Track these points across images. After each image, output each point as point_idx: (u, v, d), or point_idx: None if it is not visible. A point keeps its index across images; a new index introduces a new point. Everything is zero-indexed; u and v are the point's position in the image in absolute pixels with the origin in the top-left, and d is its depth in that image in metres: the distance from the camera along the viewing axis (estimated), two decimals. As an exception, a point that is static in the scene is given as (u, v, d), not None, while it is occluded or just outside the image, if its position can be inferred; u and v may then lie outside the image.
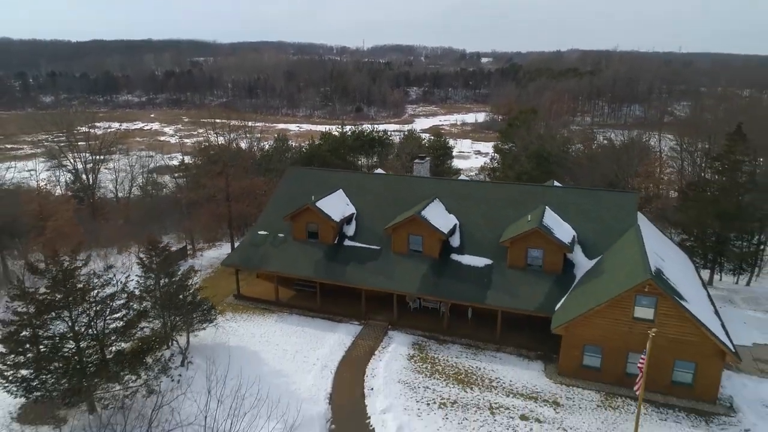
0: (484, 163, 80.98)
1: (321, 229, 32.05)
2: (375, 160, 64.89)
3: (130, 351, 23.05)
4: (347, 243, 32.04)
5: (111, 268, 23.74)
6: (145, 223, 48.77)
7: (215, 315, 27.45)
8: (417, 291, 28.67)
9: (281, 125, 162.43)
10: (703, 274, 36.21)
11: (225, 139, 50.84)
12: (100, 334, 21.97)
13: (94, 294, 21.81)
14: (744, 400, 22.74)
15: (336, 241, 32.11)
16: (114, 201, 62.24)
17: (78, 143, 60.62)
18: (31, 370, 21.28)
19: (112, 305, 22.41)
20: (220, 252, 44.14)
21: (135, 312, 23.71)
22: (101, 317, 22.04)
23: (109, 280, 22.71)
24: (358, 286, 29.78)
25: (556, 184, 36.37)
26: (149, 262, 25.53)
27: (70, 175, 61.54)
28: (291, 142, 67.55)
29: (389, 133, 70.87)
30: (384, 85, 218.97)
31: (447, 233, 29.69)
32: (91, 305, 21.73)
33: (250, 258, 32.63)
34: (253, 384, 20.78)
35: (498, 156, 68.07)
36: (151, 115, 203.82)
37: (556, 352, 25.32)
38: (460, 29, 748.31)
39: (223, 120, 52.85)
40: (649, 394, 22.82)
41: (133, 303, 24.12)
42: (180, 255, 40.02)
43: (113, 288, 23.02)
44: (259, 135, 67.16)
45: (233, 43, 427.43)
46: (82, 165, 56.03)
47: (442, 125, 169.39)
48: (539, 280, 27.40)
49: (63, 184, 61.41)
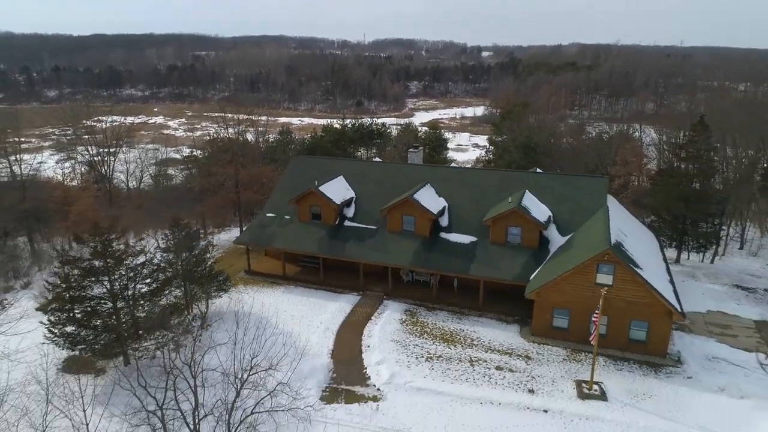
0: (479, 155, 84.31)
1: (323, 211, 35.48)
2: (374, 151, 68.20)
3: (158, 312, 26.53)
4: (347, 223, 35.48)
5: (142, 240, 27.16)
6: (158, 210, 52.18)
7: (230, 285, 30.96)
8: (409, 264, 32.16)
9: (283, 119, 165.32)
10: (672, 252, 39.78)
11: (234, 130, 54.20)
12: (133, 297, 25.48)
13: (128, 262, 25.30)
14: (690, 355, 26.21)
15: (337, 222, 35.54)
16: (125, 190, 65.65)
17: (95, 135, 63.93)
18: (75, 327, 24.87)
19: (143, 272, 25.93)
20: (229, 235, 47.60)
21: (162, 279, 27.21)
22: (134, 282, 25.55)
23: (141, 250, 26.20)
24: (357, 261, 33.28)
25: (539, 171, 39.79)
26: (173, 238, 28.99)
27: (84, 165, 64.95)
28: (294, 134, 70.88)
29: (387, 126, 74.10)
30: (384, 79, 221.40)
31: (436, 214, 33.10)
32: (126, 271, 25.24)
33: (260, 237, 36.13)
34: (270, 337, 24.13)
35: (492, 148, 71.35)
36: (155, 109, 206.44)
37: (530, 316, 28.76)
38: (462, 23, 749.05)
39: (232, 113, 56.08)
40: (609, 350, 26.35)
41: (159, 274, 27.62)
42: (194, 237, 43.39)
43: (143, 257, 26.53)
44: (262, 128, 70.46)
45: (234, 37, 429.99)
46: (99, 156, 59.30)
47: (442, 119, 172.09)
48: (517, 255, 30.83)
49: (78, 174, 64.82)
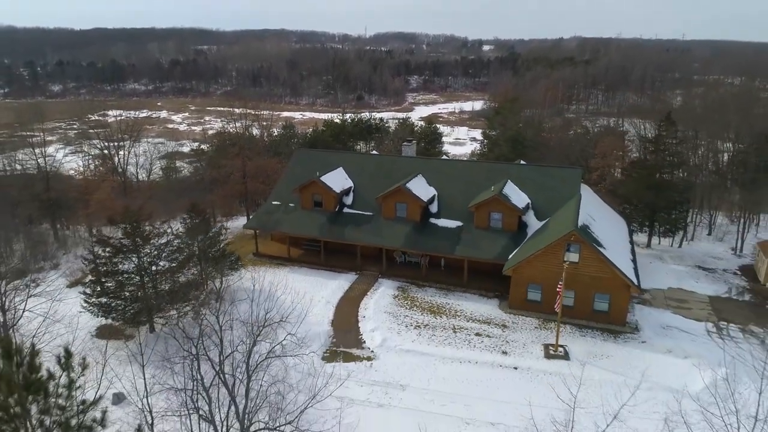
0: (473, 149, 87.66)
1: (324, 199, 38.99)
2: (372, 144, 71.58)
3: (180, 286, 30.15)
4: (346, 210, 39.02)
5: (164, 223, 30.76)
6: (169, 200, 55.70)
7: (240, 264, 34.56)
8: (402, 246, 35.75)
9: (285, 113, 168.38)
10: (644, 237, 43.29)
11: (241, 124, 57.64)
12: (157, 272, 29.08)
13: (153, 242, 28.90)
14: (647, 324, 29.80)
15: (337, 209, 39.07)
16: (135, 182, 69.13)
17: (106, 129, 67.30)
18: (107, 298, 28.50)
19: (166, 251, 29.53)
20: (236, 223, 51.12)
21: (181, 258, 30.82)
22: (158, 259, 29.15)
23: (164, 231, 29.79)
24: (355, 243, 36.86)
25: (522, 163, 43.22)
26: (190, 222, 32.56)
27: (98, 158, 68.35)
28: (296, 129, 74.30)
29: (385, 121, 77.47)
30: (385, 74, 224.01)
31: (426, 201, 36.62)
32: (151, 250, 28.84)
33: (266, 222, 39.71)
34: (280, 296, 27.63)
35: (486, 141, 74.69)
36: (158, 104, 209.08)
37: (508, 291, 32.30)
38: (464, 16, 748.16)
39: (239, 108, 59.39)
40: (575, 320, 29.95)
41: (178, 254, 31.22)
42: (209, 221, 47.00)
43: (165, 238, 30.14)
44: (265, 123, 73.78)
45: (236, 30, 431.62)
46: (114, 149, 62.65)
47: (441, 113, 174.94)
48: (498, 237, 34.37)
49: (92, 167, 68.25)
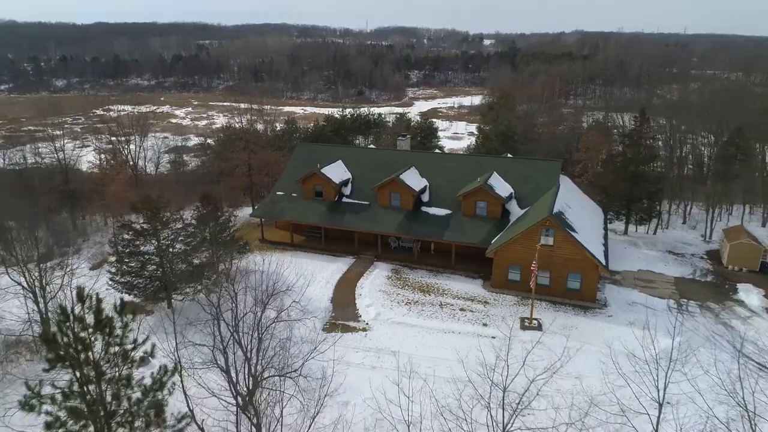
0: (470, 143, 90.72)
1: (325, 189, 42.24)
2: (371, 138, 74.76)
3: (194, 267, 33.49)
4: (344, 200, 42.28)
5: (181, 210, 34.05)
6: (179, 191, 58.97)
7: (248, 248, 37.88)
8: (396, 232, 39.05)
9: (287, 108, 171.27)
10: (621, 225, 46.52)
11: (246, 120, 60.86)
12: (173, 254, 32.39)
13: (171, 226, 32.21)
14: (615, 301, 33.09)
15: (336, 199, 42.32)
16: (144, 175, 72.40)
17: (115, 124, 70.53)
18: (130, 277, 31.84)
19: (182, 234, 32.85)
20: (242, 213, 54.40)
21: (195, 243, 34.14)
22: (175, 242, 32.46)
23: (180, 217, 33.08)
24: (353, 230, 40.15)
25: (509, 156, 46.43)
26: (203, 209, 35.85)
27: (108, 152, 71.61)
28: (298, 124, 77.45)
29: (383, 116, 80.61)
30: (386, 69, 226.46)
31: (418, 191, 39.87)
32: (169, 234, 32.14)
33: (271, 211, 43.02)
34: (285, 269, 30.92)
35: (480, 135, 77.79)
36: (161, 99, 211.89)
37: (491, 272, 35.59)
38: (465, 11, 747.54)
39: (242, 103, 62.63)
40: (551, 297, 33.26)
41: (191, 239, 34.52)
42: (219, 209, 50.26)
43: (181, 223, 33.44)
44: (268, 117, 76.93)
45: (237, 25, 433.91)
46: (125, 143, 65.89)
47: (441, 108, 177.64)
48: (483, 224, 37.61)
49: (103, 160, 71.53)
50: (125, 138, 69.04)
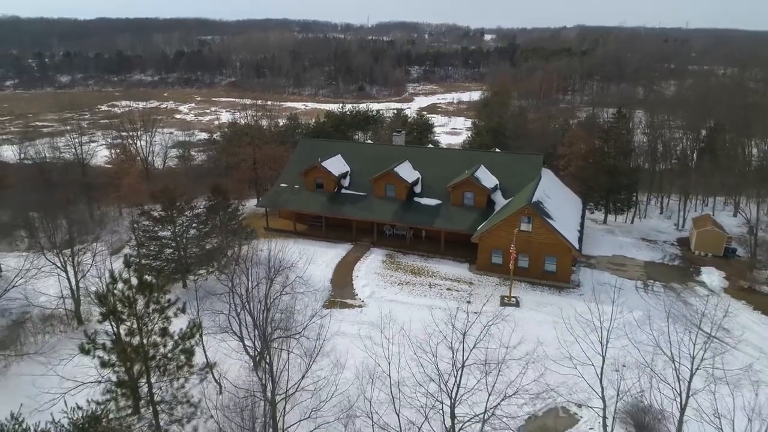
0: (465, 139, 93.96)
1: (325, 181, 45.64)
2: (369, 134, 78.02)
3: (207, 251, 36.96)
4: (343, 191, 45.70)
5: (194, 200, 37.50)
6: (187, 184, 62.36)
7: (255, 235, 41.35)
8: (390, 220, 42.51)
9: (288, 104, 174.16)
10: (601, 215, 49.85)
11: (251, 116, 64.20)
12: (188, 239, 35.84)
13: (187, 213, 35.66)
14: (587, 282, 36.45)
15: (336, 190, 45.72)
16: (154, 168, 75.81)
17: (124, 119, 73.92)
18: (149, 259, 35.34)
19: (195, 221, 36.31)
20: (248, 204, 57.81)
21: (207, 228, 37.60)
22: (189, 228, 35.92)
23: (193, 206, 36.54)
24: (351, 218, 43.60)
25: (497, 150, 49.73)
26: (214, 199, 39.27)
27: (119, 147, 75.03)
28: (300, 119, 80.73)
29: (381, 112, 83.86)
30: (386, 65, 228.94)
31: (411, 183, 43.25)
32: (184, 221, 35.60)
33: (276, 202, 46.49)
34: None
35: (474, 131, 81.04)
36: (165, 94, 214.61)
37: (477, 256, 39.00)
38: (466, 5, 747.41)
39: (247, 99, 65.94)
40: (529, 279, 36.67)
41: (202, 226, 37.97)
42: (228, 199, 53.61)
43: (194, 211, 36.90)
44: (270, 113, 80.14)
45: (239, 20, 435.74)
46: (137, 138, 69.27)
47: (440, 103, 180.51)
48: (470, 213, 41.01)
49: (115, 155, 74.97)
50: (135, 133, 72.50)
